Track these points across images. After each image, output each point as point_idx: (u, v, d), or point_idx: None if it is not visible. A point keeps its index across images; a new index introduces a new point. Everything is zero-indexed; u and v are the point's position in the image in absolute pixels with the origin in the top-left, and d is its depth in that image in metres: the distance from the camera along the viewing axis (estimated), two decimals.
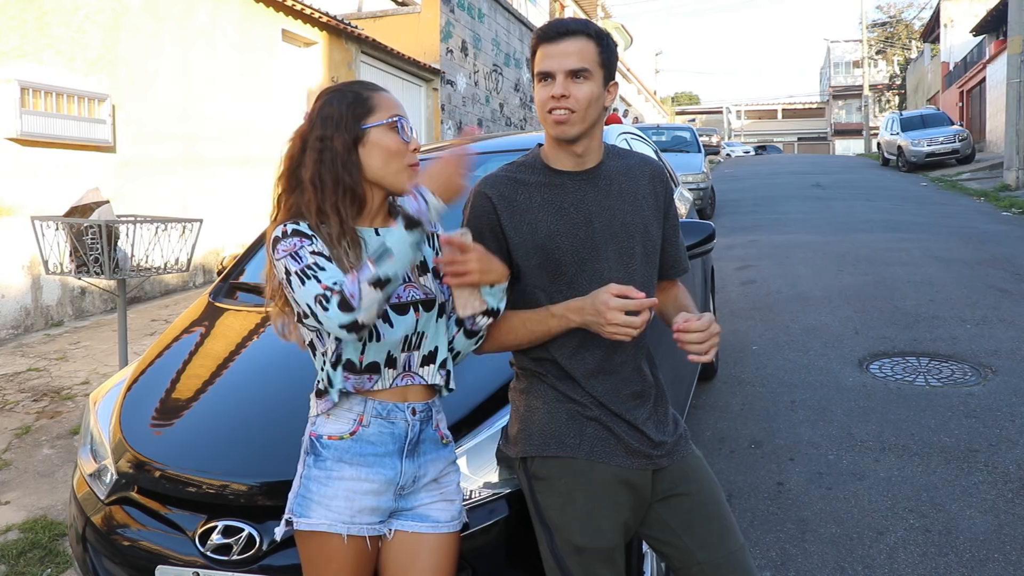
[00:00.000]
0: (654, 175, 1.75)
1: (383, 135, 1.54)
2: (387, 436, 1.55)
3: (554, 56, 1.59)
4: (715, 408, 4.36)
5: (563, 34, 1.60)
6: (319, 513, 1.52)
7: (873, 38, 45.39)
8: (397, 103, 1.60)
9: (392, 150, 1.54)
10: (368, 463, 1.54)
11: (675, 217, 1.79)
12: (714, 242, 3.17)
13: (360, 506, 1.53)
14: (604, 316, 1.49)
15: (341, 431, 1.54)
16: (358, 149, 1.53)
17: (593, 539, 1.59)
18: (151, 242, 3.83)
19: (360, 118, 1.54)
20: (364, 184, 1.55)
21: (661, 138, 13.47)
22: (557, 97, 1.58)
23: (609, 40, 1.65)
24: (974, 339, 5.26)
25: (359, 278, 1.37)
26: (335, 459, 1.53)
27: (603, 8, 29.97)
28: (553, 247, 1.62)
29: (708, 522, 1.64)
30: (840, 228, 10.49)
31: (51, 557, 3.06)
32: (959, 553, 2.83)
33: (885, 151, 22.40)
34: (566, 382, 1.64)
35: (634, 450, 1.62)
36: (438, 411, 1.65)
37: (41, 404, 4.67)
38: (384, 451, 1.55)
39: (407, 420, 1.56)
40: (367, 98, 1.56)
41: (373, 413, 1.54)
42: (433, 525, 1.59)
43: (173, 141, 7.79)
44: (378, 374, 1.54)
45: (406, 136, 1.55)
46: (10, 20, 6.27)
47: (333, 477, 1.53)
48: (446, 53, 13.80)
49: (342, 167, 1.52)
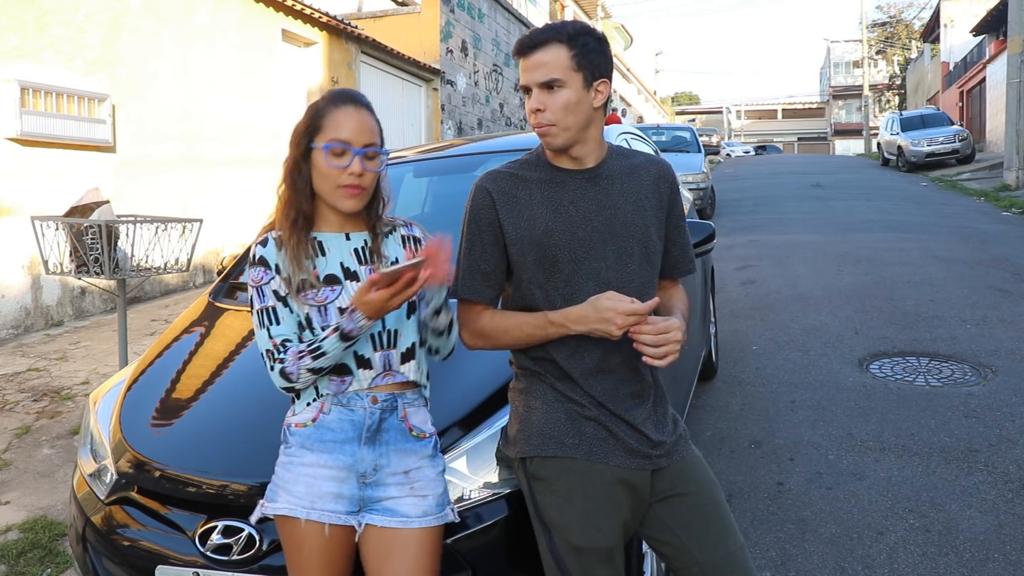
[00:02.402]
0: (659, 175, 1.74)
1: (319, 156, 1.61)
2: (347, 423, 1.61)
3: (527, 70, 1.61)
4: (715, 408, 4.36)
5: (531, 47, 1.60)
6: (283, 498, 1.60)
7: (873, 38, 45.39)
8: (355, 123, 1.62)
9: (322, 172, 1.62)
10: (328, 449, 1.60)
11: (680, 217, 1.77)
12: (714, 242, 3.17)
13: (320, 491, 1.59)
14: (615, 323, 1.50)
15: (305, 419, 1.63)
16: (307, 164, 1.63)
17: (592, 539, 1.58)
18: (151, 242, 3.83)
19: (311, 135, 1.63)
20: (315, 198, 1.65)
21: (661, 138, 13.47)
22: (533, 111, 1.60)
23: (586, 38, 1.61)
24: (974, 339, 5.26)
25: (298, 364, 1.55)
26: (298, 445, 1.62)
27: (603, 8, 29.95)
28: (550, 244, 1.62)
29: (707, 522, 1.64)
30: (840, 228, 10.50)
31: (51, 557, 3.06)
32: (959, 553, 2.83)
33: (885, 151, 22.40)
34: (565, 382, 1.64)
35: (633, 450, 1.62)
36: (409, 404, 1.67)
37: (41, 404, 4.67)
38: (344, 437, 1.61)
39: (365, 407, 1.62)
40: (323, 116, 1.62)
41: (334, 401, 1.61)
42: (402, 520, 1.60)
43: (173, 141, 7.79)
44: (350, 375, 1.62)
45: (337, 163, 1.59)
46: (10, 20, 6.26)
47: (295, 463, 1.62)
48: (446, 53, 13.80)
49: (291, 181, 1.65)
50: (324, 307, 1.61)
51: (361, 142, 1.60)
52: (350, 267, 1.65)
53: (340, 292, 1.62)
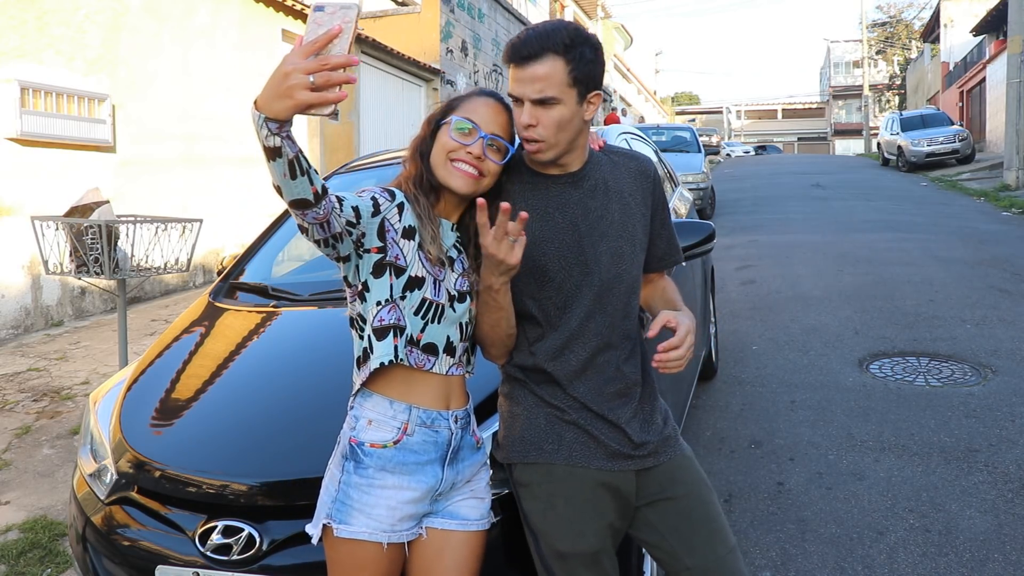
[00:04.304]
0: (640, 171, 1.72)
1: (445, 130, 1.58)
2: (430, 445, 1.55)
3: (521, 81, 1.53)
4: (715, 408, 4.36)
5: (527, 58, 1.52)
6: (360, 521, 1.51)
7: (873, 38, 45.39)
8: (489, 111, 1.59)
9: (441, 144, 1.58)
10: (410, 471, 1.54)
11: (664, 210, 1.76)
12: (714, 242, 3.16)
13: (402, 514, 1.53)
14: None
15: (384, 439, 1.53)
16: (433, 141, 1.61)
17: (575, 544, 1.58)
18: (151, 242, 3.83)
19: (444, 115, 1.61)
20: (433, 175, 1.59)
21: (661, 138, 13.46)
22: (525, 126, 1.55)
23: (583, 49, 1.53)
24: (974, 339, 5.26)
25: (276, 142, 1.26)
26: (377, 467, 1.53)
27: (603, 8, 29.93)
28: (539, 253, 1.59)
29: (696, 526, 1.62)
30: (840, 228, 10.50)
31: (51, 557, 3.06)
32: (959, 553, 2.83)
33: (885, 151, 22.40)
34: (547, 386, 1.63)
35: (614, 452, 1.61)
36: (472, 415, 1.66)
37: (41, 404, 4.67)
38: (427, 459, 1.55)
39: (451, 428, 1.58)
40: (461, 100, 1.62)
41: (418, 422, 1.55)
42: (462, 523, 1.60)
43: (173, 141, 7.79)
44: (436, 356, 1.56)
45: (460, 139, 1.55)
46: (10, 20, 6.26)
47: (376, 485, 1.52)
48: (446, 53, 13.80)
49: (413, 152, 1.63)
50: (437, 281, 1.56)
51: (490, 128, 1.56)
52: (452, 255, 1.61)
53: (444, 273, 1.57)
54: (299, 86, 1.19)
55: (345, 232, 1.43)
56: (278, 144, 1.23)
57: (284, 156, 1.25)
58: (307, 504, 1.74)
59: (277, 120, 1.21)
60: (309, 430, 1.98)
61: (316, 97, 1.20)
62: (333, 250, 1.47)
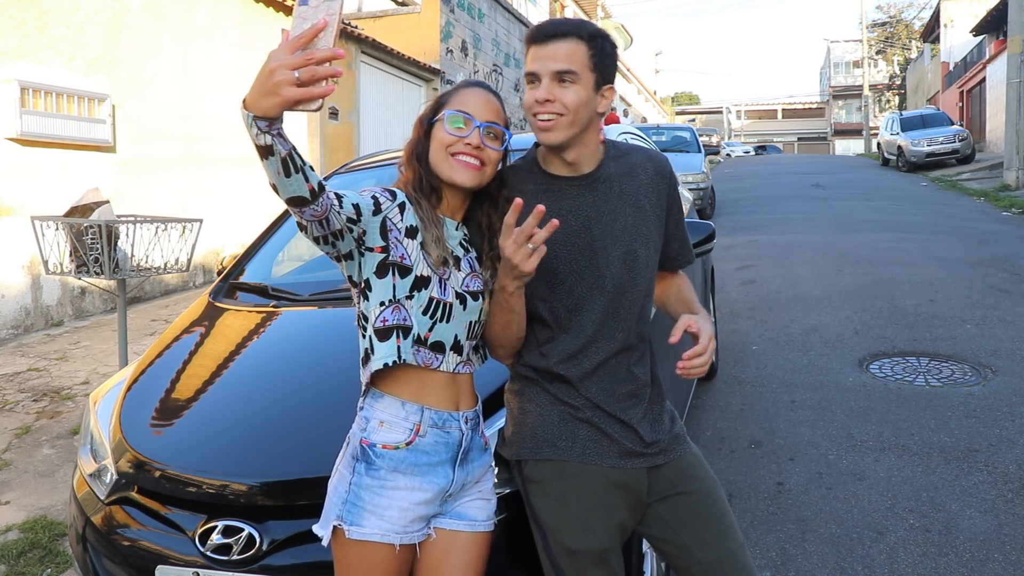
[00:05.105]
0: (657, 171, 1.71)
1: (439, 126, 1.58)
2: (441, 446, 1.55)
3: (541, 58, 1.54)
4: (715, 408, 4.36)
5: (552, 36, 1.54)
6: (372, 523, 1.51)
7: (873, 38, 45.39)
8: (480, 99, 1.59)
9: (438, 140, 1.58)
10: (421, 472, 1.53)
11: (679, 211, 1.76)
12: (714, 242, 3.17)
13: (413, 516, 1.53)
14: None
15: (397, 440, 1.52)
16: (428, 142, 1.60)
17: (585, 541, 1.58)
18: (151, 242, 3.83)
19: (435, 112, 1.61)
20: (434, 175, 1.59)
21: (661, 138, 13.47)
22: (541, 101, 1.54)
23: (604, 42, 1.58)
24: (974, 339, 5.26)
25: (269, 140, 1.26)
26: (389, 469, 1.52)
27: (603, 8, 29.96)
28: (550, 256, 1.57)
29: (708, 521, 1.64)
30: (840, 228, 10.50)
31: (51, 557, 3.06)
32: (959, 553, 2.83)
33: (885, 151, 22.40)
34: (559, 384, 1.63)
35: (627, 451, 1.62)
36: (481, 416, 1.66)
37: (41, 404, 4.67)
38: (438, 460, 1.55)
39: (461, 429, 1.58)
40: (449, 95, 1.61)
41: (429, 423, 1.54)
42: (470, 523, 1.60)
43: (173, 141, 7.79)
44: (443, 354, 1.55)
45: (456, 132, 1.55)
46: (10, 20, 6.26)
47: (387, 487, 1.52)
48: (446, 53, 13.80)
49: (409, 156, 1.62)
50: (443, 280, 1.55)
51: (484, 117, 1.56)
52: (457, 254, 1.60)
53: (450, 272, 1.57)
54: (285, 82, 1.18)
55: (345, 229, 1.43)
56: (269, 142, 1.23)
57: (276, 154, 1.25)
58: (307, 504, 1.74)
59: (266, 118, 1.21)
60: (309, 430, 1.98)
61: (302, 92, 1.19)
62: (333, 248, 1.46)
